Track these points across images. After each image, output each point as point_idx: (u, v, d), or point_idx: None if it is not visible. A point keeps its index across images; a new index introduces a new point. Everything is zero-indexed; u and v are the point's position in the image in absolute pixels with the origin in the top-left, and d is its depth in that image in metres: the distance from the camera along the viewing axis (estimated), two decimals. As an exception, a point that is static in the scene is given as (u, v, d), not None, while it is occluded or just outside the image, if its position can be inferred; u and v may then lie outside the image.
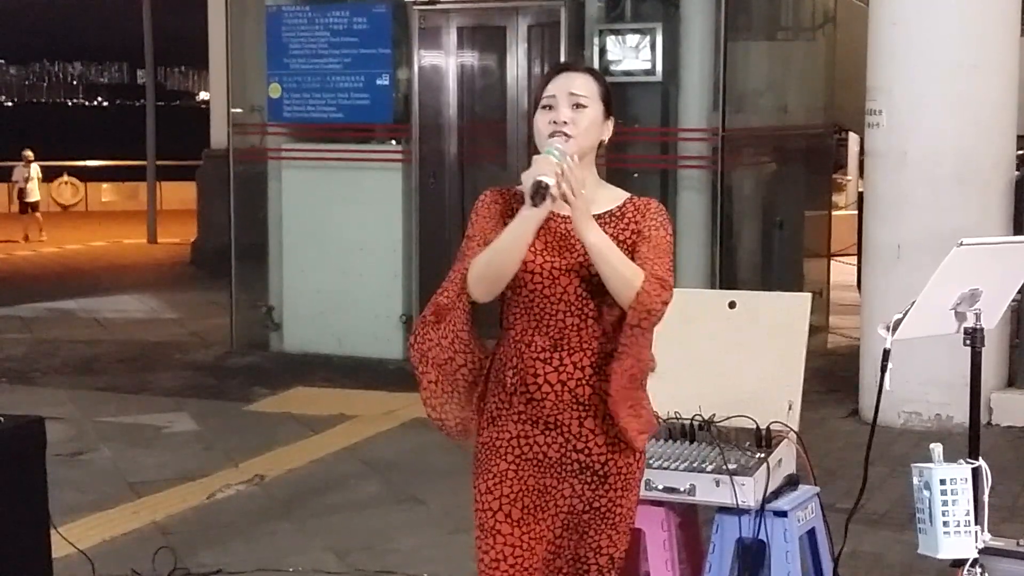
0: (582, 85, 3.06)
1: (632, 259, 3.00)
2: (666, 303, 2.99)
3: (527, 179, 2.91)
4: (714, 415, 4.02)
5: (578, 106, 3.04)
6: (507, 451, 3.10)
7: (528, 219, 2.93)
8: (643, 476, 3.23)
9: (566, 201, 2.93)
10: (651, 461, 3.91)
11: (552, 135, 3.00)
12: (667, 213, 3.14)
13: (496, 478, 3.10)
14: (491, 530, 3.10)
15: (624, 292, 2.96)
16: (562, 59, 8.89)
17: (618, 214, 3.10)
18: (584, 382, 3.05)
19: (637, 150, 9.42)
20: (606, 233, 3.01)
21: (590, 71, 3.15)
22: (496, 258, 2.97)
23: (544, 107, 3.05)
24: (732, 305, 4.26)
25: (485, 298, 3.03)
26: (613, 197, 3.14)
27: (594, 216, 3.03)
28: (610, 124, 3.13)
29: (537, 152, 3.00)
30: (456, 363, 3.10)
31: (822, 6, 10.44)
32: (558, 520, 3.11)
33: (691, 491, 3.81)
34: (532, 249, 3.01)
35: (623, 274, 2.95)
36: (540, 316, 3.05)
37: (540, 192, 2.88)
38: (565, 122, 3.01)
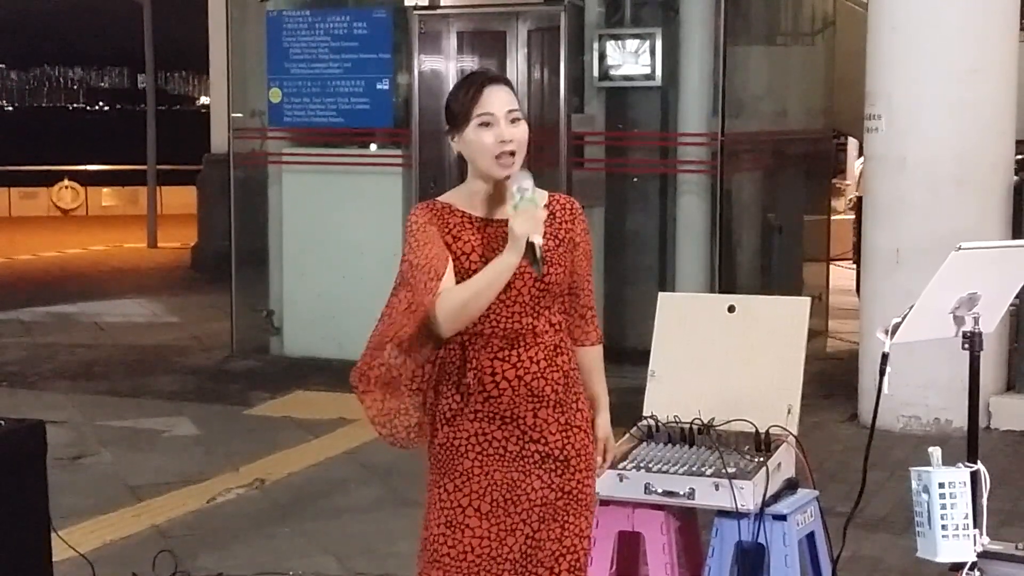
0: (510, 99, 3.15)
1: (572, 258, 3.19)
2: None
3: (519, 236, 2.99)
4: (713, 419, 4.03)
5: (515, 120, 3.12)
6: (467, 449, 3.16)
7: (511, 267, 3.02)
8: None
9: None
10: (651, 465, 3.92)
11: (499, 156, 3.08)
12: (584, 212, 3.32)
13: (463, 476, 3.17)
14: (459, 525, 3.17)
15: None
16: (562, 64, 8.90)
17: (549, 213, 3.19)
18: (539, 375, 3.15)
19: (637, 155, 9.43)
20: (545, 231, 3.12)
21: (508, 82, 3.22)
22: (474, 303, 3.05)
23: (483, 124, 3.10)
24: (731, 309, 4.27)
25: (452, 333, 3.11)
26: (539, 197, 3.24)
27: None
28: None
29: (466, 163, 3.16)
30: (405, 379, 3.18)
31: (821, 11, 10.46)
32: (534, 513, 3.15)
33: (690, 495, 3.82)
34: (483, 260, 3.10)
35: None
36: (497, 319, 3.13)
37: (540, 258, 2.99)
38: (511, 140, 3.10)
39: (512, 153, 3.09)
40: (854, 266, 10.42)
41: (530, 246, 2.97)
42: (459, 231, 3.13)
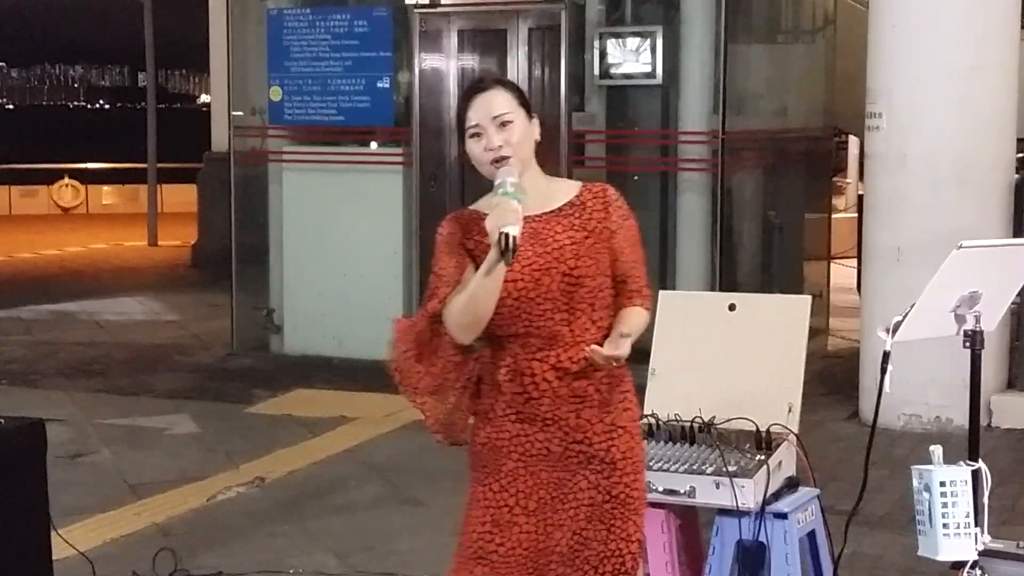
0: (500, 103, 3.11)
1: (606, 249, 3.11)
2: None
3: (492, 230, 2.94)
4: (714, 417, 4.03)
5: (504, 124, 3.09)
6: (511, 450, 3.13)
7: (500, 269, 2.96)
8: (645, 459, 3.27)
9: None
10: (651, 463, 3.92)
11: (493, 162, 3.07)
12: (622, 197, 3.23)
13: (508, 476, 3.14)
14: (508, 524, 3.13)
15: None
16: (563, 62, 8.90)
17: (578, 203, 3.17)
18: (580, 375, 3.10)
19: (637, 153, 9.43)
20: (574, 223, 3.12)
21: (500, 83, 3.18)
22: (471, 307, 3.02)
23: (473, 135, 3.11)
24: (732, 307, 4.27)
25: (471, 340, 3.08)
26: (568, 188, 3.22)
27: (555, 209, 3.15)
28: (535, 122, 3.18)
29: (478, 171, 3.13)
30: (448, 382, 3.16)
31: (822, 9, 10.45)
32: (581, 512, 3.12)
33: (691, 493, 3.82)
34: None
35: (643, 327, 3.17)
36: (530, 318, 3.09)
37: (511, 248, 2.89)
38: (500, 146, 3.07)
39: (506, 157, 3.07)
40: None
41: (504, 237, 2.90)
42: (481, 235, 3.08)
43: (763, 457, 3.86)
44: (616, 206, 3.17)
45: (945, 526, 3.19)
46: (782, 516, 3.83)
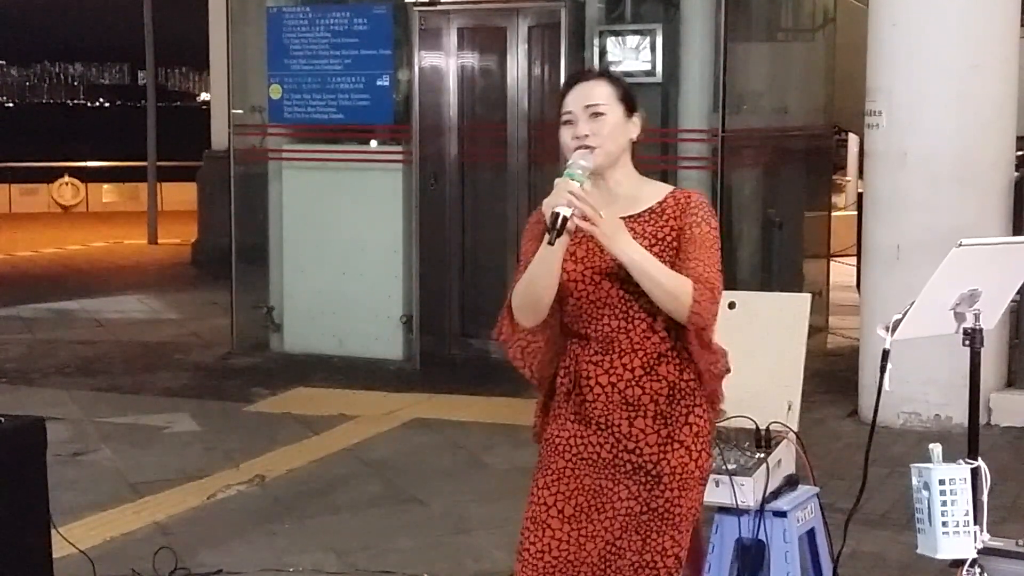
0: (598, 93, 3.10)
1: (676, 259, 3.03)
2: (715, 312, 3.02)
3: (545, 208, 2.94)
4: (713, 415, 4.02)
5: (596, 115, 3.08)
6: (565, 449, 3.15)
7: (553, 250, 2.96)
8: (706, 475, 3.21)
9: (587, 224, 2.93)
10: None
11: (577, 149, 3.06)
12: (709, 205, 3.16)
13: (554, 475, 3.15)
14: (542, 523, 3.15)
15: (671, 306, 2.98)
16: (562, 60, 8.90)
17: (658, 210, 3.13)
18: (634, 383, 3.08)
19: (637, 151, 9.40)
20: (646, 231, 3.07)
21: (604, 75, 3.18)
22: (528, 289, 3.03)
23: (565, 122, 3.11)
24: (732, 306, 4.26)
25: (531, 323, 3.08)
26: (656, 193, 3.18)
27: (635, 214, 3.10)
28: (637, 120, 3.16)
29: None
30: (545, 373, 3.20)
31: (822, 7, 10.45)
32: (617, 522, 3.12)
33: (691, 491, 3.81)
34: (572, 257, 3.05)
35: (667, 288, 2.96)
36: (588, 321, 3.09)
37: (559, 228, 2.89)
38: (587, 135, 3.06)
39: (590, 147, 3.05)
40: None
41: (554, 217, 2.90)
42: None
43: (762, 455, 3.87)
44: (692, 212, 3.10)
45: (944, 524, 3.19)
46: (781, 514, 3.83)
